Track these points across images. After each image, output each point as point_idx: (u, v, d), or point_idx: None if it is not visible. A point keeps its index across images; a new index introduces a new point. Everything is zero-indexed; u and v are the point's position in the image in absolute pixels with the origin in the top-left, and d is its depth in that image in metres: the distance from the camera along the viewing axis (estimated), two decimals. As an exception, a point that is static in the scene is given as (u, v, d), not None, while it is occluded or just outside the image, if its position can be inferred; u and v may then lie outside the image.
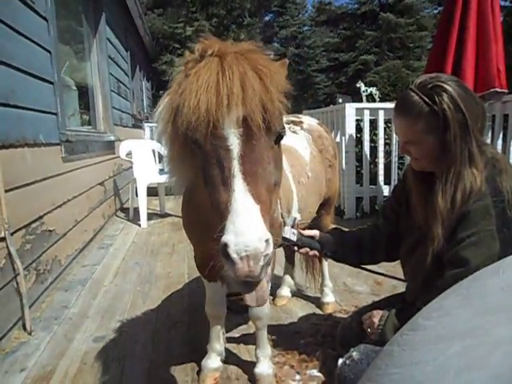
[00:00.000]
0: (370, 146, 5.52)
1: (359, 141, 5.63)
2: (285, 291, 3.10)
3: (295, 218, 2.09)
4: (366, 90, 8.23)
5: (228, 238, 1.08)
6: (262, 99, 1.15)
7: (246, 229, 1.07)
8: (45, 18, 3.62)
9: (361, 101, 9.77)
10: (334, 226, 2.11)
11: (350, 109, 5.30)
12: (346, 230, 2.11)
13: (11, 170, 2.76)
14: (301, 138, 2.44)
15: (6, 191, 2.63)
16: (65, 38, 5.00)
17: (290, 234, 1.78)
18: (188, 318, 2.90)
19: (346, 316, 2.65)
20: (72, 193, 4.15)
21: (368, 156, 5.53)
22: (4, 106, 2.71)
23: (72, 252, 4.03)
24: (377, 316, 1.79)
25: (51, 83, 3.70)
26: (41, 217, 3.26)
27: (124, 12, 8.27)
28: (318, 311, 2.95)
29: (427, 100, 1.54)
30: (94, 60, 6.06)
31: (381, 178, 5.50)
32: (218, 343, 2.20)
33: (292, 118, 2.62)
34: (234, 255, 1.07)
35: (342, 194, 5.65)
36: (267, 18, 16.28)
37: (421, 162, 1.69)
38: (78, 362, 2.41)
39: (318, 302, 3.03)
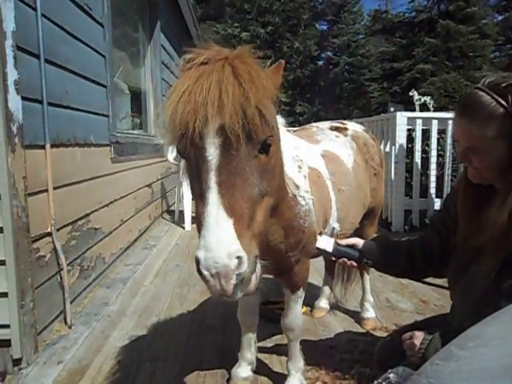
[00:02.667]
0: (422, 157, 5.28)
1: (410, 151, 5.40)
2: (323, 303, 2.99)
3: (334, 228, 2.00)
4: (420, 99, 7.86)
5: (199, 253, 1.03)
6: (240, 107, 1.07)
7: (216, 244, 1.02)
8: (101, 24, 3.77)
9: (414, 110, 9.43)
10: (373, 233, 1.98)
11: (402, 118, 5.10)
12: (393, 239, 2.00)
13: (61, 169, 2.87)
14: (344, 145, 2.35)
15: (55, 188, 2.74)
16: (120, 44, 5.20)
17: (325, 243, 1.69)
18: (222, 324, 2.86)
19: (386, 334, 2.50)
20: (119, 193, 4.26)
21: (419, 167, 5.28)
22: (57, 107, 2.83)
23: (116, 250, 4.14)
24: (419, 338, 1.66)
25: (104, 86, 3.83)
26: (87, 215, 3.36)
27: (179, 20, 8.51)
28: (357, 327, 2.81)
29: (501, 101, 1.32)
30: (147, 65, 6.27)
31: (432, 191, 5.23)
32: (249, 352, 2.14)
33: (336, 124, 2.53)
34: (204, 272, 1.03)
35: (389, 205, 5.44)
36: (323, 27, 16.16)
37: (482, 172, 1.49)
38: (113, 359, 2.44)
39: (357, 316, 2.90)
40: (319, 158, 2.03)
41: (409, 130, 5.31)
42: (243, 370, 2.13)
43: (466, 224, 1.58)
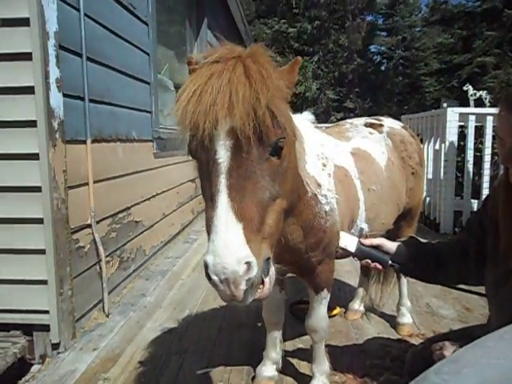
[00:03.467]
0: (475, 156, 4.97)
1: (462, 149, 5.11)
2: (357, 305, 2.90)
3: (362, 229, 1.92)
4: (475, 94, 7.37)
5: (207, 258, 1.02)
6: (251, 108, 1.04)
7: (224, 250, 0.99)
8: (145, 23, 3.87)
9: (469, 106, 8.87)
10: (409, 235, 1.83)
11: (452, 114, 4.83)
12: (424, 240, 1.86)
13: (102, 163, 2.98)
14: (378, 143, 2.24)
15: (96, 182, 2.85)
16: (167, 41, 5.31)
17: (347, 242, 1.59)
18: (253, 321, 2.85)
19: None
20: (161, 187, 4.37)
21: (471, 166, 4.99)
22: (99, 103, 2.94)
23: (157, 243, 4.25)
24: (449, 349, 1.55)
25: (148, 83, 3.94)
26: (128, 208, 3.47)
27: (227, 17, 8.57)
28: (392, 332, 2.70)
29: None
30: (194, 62, 6.35)
31: (485, 192, 4.92)
32: (274, 351, 2.12)
33: (372, 120, 2.43)
34: (213, 277, 1.01)
35: (438, 206, 5.18)
36: (371, 19, 15.64)
37: None
38: (144, 349, 2.51)
39: (393, 321, 2.78)
40: (348, 156, 1.96)
41: (461, 126, 5.02)
42: (268, 369, 2.11)
43: (508, 233, 1.45)
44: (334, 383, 2.10)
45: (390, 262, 1.59)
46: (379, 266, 1.62)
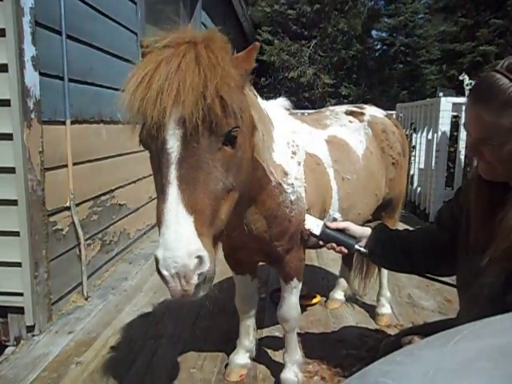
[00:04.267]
0: (467, 146, 4.91)
1: (455, 140, 5.05)
2: (338, 294, 2.89)
3: (335, 218, 1.88)
4: (470, 84, 7.19)
5: (157, 252, 0.99)
6: (200, 96, 0.99)
7: (175, 243, 0.97)
8: (133, 1, 3.77)
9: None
10: (378, 222, 1.76)
11: (446, 103, 4.76)
12: (393, 228, 1.78)
13: (83, 145, 2.92)
14: (357, 131, 2.19)
15: (76, 164, 2.80)
16: (158, 21, 5.18)
17: (311, 224, 1.51)
18: (233, 308, 2.81)
19: (399, 332, 2.37)
20: (148, 171, 4.30)
21: (463, 157, 4.94)
22: (80, 83, 2.87)
23: (143, 227, 4.22)
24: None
25: (134, 64, 3.84)
26: (112, 190, 3.43)
27: (224, -2, 8.41)
28: (371, 322, 2.69)
29: None
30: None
31: (476, 183, 4.88)
32: (247, 339, 2.11)
33: (353, 108, 2.37)
34: (164, 272, 0.98)
35: (428, 196, 5.15)
36: (372, 4, 15.28)
37: (495, 167, 1.31)
38: (119, 334, 2.50)
39: (373, 311, 2.77)
40: (322, 144, 1.91)
41: (455, 117, 4.96)
42: (240, 357, 2.10)
43: (477, 226, 1.41)
44: (307, 372, 2.10)
45: (356, 246, 1.52)
46: (344, 250, 1.54)
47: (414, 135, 5.78)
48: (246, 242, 1.67)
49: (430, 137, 5.15)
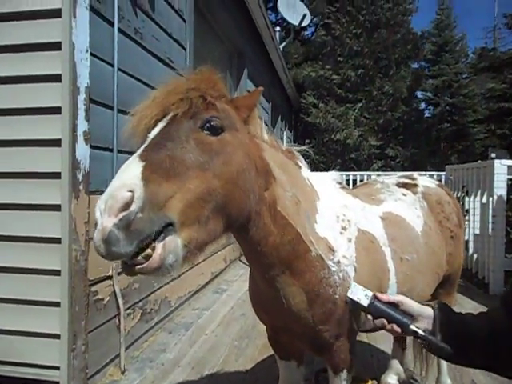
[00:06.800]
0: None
1: (512, 204, 4.75)
2: (391, 379, 2.60)
3: None
4: None
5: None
6: (183, 94, 1.12)
7: (115, 181, 0.94)
8: (182, 76, 3.96)
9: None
10: (437, 301, 1.47)
11: (500, 166, 4.53)
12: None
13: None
14: (413, 205, 2.05)
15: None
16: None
17: (359, 294, 1.28)
18: (275, 389, 2.63)
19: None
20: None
21: (524, 223, 4.61)
22: (128, 154, 2.96)
23: (184, 294, 4.14)
24: None
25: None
26: (154, 257, 3.41)
27: (269, 67, 8.79)
28: (431, 413, 2.39)
29: None
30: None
31: (541, 251, 4.49)
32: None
33: (404, 179, 2.24)
34: (96, 214, 0.91)
35: (486, 264, 4.77)
36: (416, 67, 15.49)
37: None
38: (154, 415, 2.35)
39: (432, 400, 2.46)
40: (377, 221, 1.77)
41: (510, 179, 4.69)
42: None
43: None
44: None
45: (411, 326, 1.24)
46: (397, 329, 1.26)
47: (467, 199, 5.51)
48: (288, 322, 1.54)
49: (484, 200, 4.87)
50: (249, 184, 1.21)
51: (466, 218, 5.41)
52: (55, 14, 2.30)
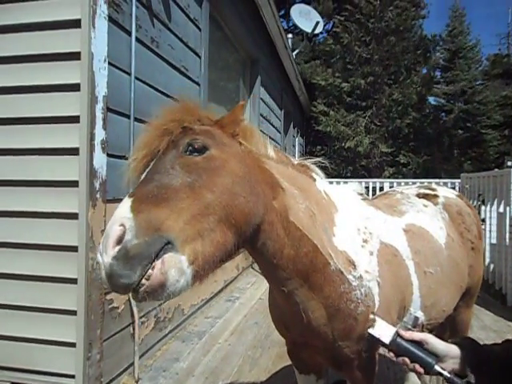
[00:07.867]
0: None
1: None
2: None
3: (417, 318, 1.64)
4: None
5: None
6: (163, 126, 1.17)
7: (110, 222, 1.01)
8: (197, 83, 3.98)
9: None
10: (463, 337, 1.39)
11: (518, 175, 4.45)
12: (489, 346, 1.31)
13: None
14: (435, 216, 2.01)
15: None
16: (219, 99, 5.46)
17: (382, 331, 1.25)
18: (290, 401, 2.59)
19: None
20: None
21: (542, 233, 4.51)
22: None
23: (197, 302, 4.12)
24: None
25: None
26: (168, 265, 3.41)
27: (282, 74, 8.80)
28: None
29: None
30: (246, 118, 6.48)
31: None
32: None
33: (425, 190, 2.20)
34: (97, 258, 0.99)
35: (504, 275, 4.68)
36: (426, 72, 15.38)
37: None
38: (169, 426, 2.33)
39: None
40: (399, 233, 1.74)
41: (529, 188, 4.60)
42: None
43: None
44: None
45: (436, 367, 1.18)
46: (420, 370, 1.21)
47: (483, 207, 5.42)
48: (308, 337, 1.52)
49: (501, 210, 4.79)
50: (249, 189, 1.20)
51: (483, 227, 5.32)
52: (75, 24, 2.32)
